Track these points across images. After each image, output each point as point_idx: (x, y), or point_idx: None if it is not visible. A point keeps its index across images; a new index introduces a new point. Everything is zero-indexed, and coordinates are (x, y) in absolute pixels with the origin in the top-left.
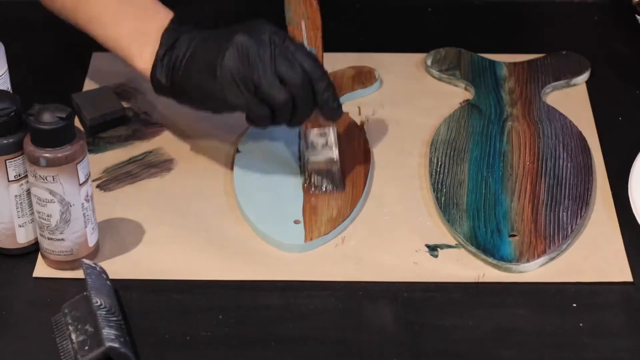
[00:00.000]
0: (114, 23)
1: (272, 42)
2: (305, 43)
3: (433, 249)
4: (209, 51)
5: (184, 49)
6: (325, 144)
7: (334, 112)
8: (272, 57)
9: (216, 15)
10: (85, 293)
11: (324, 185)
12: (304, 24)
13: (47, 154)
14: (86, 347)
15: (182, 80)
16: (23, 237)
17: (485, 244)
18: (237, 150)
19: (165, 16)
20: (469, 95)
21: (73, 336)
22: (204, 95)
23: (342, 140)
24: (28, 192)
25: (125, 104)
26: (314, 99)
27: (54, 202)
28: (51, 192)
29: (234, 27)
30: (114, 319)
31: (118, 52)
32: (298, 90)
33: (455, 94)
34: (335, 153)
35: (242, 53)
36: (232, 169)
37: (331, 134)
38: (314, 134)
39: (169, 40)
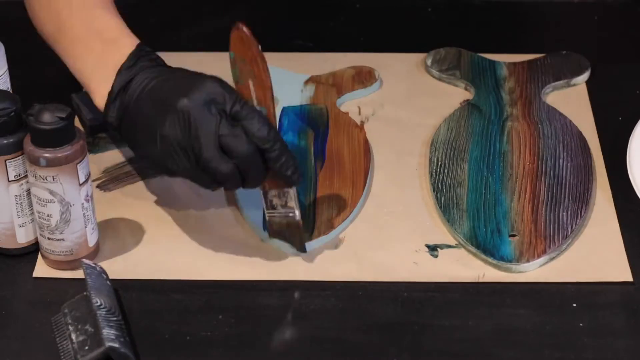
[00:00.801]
0: (80, 56)
1: (218, 109)
2: (255, 104)
3: (433, 249)
4: (152, 110)
5: (134, 96)
6: (284, 204)
7: (288, 179)
8: (217, 126)
9: (194, 37)
10: (85, 293)
11: (287, 245)
12: (252, 83)
13: (47, 154)
14: (86, 347)
15: (129, 130)
16: (23, 237)
17: (485, 244)
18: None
19: (127, 48)
20: (469, 95)
21: (73, 336)
22: (146, 156)
23: (342, 140)
24: (28, 192)
25: None
26: (266, 166)
27: (54, 202)
28: (51, 192)
29: (183, 81)
30: (114, 319)
31: (84, 87)
32: (244, 161)
33: (455, 94)
34: (295, 214)
35: (183, 121)
36: None
37: (291, 195)
38: (272, 194)
39: (122, 80)
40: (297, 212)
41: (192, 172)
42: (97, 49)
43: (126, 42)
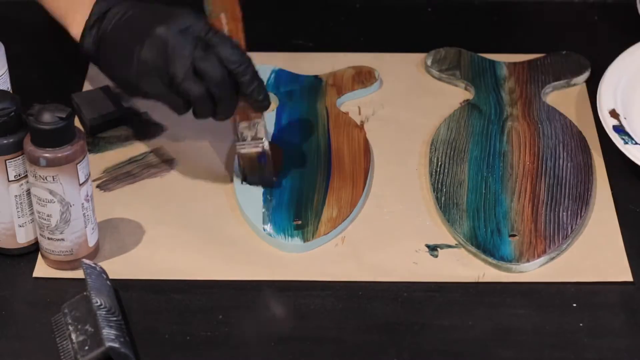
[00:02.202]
0: None
1: (193, 34)
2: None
3: (433, 249)
4: (130, 35)
5: (111, 23)
6: (254, 136)
7: (259, 104)
8: (191, 51)
9: None
10: (85, 293)
11: (255, 178)
12: (224, 17)
13: (47, 154)
14: (86, 347)
15: (105, 55)
16: (23, 237)
17: (485, 244)
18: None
19: None
20: (469, 95)
21: (73, 336)
22: (122, 78)
23: (342, 140)
24: (28, 192)
25: (125, 104)
26: (238, 92)
27: (54, 202)
28: (51, 192)
29: (160, 12)
30: (114, 319)
31: (60, 22)
32: (216, 85)
33: (455, 94)
34: (264, 145)
35: (160, 46)
36: (232, 169)
37: (260, 126)
38: (242, 126)
39: (100, 9)
40: (266, 143)
41: (165, 95)
42: None
43: None
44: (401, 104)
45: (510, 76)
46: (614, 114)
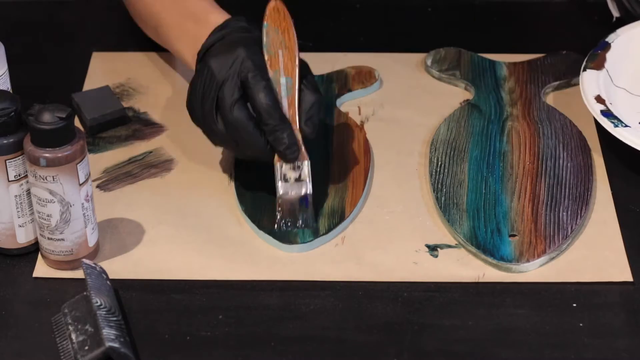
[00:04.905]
0: (177, 38)
1: (238, 74)
2: (282, 73)
3: (433, 249)
4: (197, 64)
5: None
6: (298, 178)
7: (283, 155)
8: (219, 89)
9: None
10: (85, 293)
11: (294, 223)
12: (282, 54)
13: (47, 154)
14: (86, 347)
15: None
16: (23, 237)
17: (485, 244)
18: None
19: (217, 21)
20: (469, 95)
21: (73, 336)
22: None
23: (342, 140)
24: (28, 192)
25: (125, 104)
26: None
27: (54, 202)
28: (51, 192)
29: (224, 46)
30: (114, 319)
31: (187, 65)
32: (229, 125)
33: (455, 94)
34: (307, 188)
35: (207, 76)
36: (232, 169)
37: (304, 168)
38: (286, 167)
39: (207, 44)
40: (310, 186)
41: (200, 123)
42: (191, 29)
43: (216, 17)
44: (401, 104)
45: (510, 76)
46: (599, 99)
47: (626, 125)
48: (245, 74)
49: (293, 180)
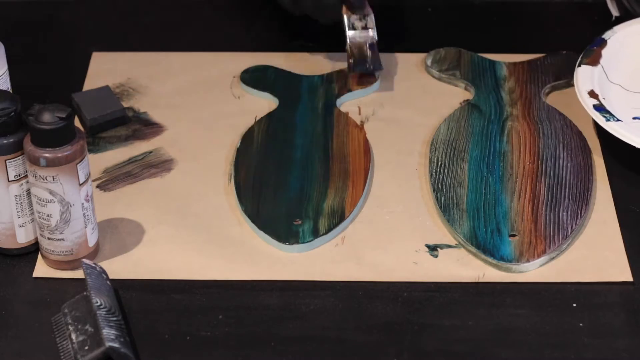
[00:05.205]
0: None
1: None
2: None
3: (433, 249)
4: None
5: None
6: (364, 26)
7: (350, 3)
8: None
9: (196, 38)
10: (85, 293)
11: (364, 64)
12: None
13: (47, 154)
14: (86, 347)
15: None
16: (23, 237)
17: (485, 244)
18: (237, 150)
19: None
20: (469, 95)
21: (73, 336)
22: None
23: (342, 140)
24: (28, 192)
25: (125, 104)
26: None
27: (54, 202)
28: (51, 192)
29: None
30: (114, 319)
31: None
32: None
33: (455, 94)
34: (373, 34)
35: None
36: (232, 169)
37: (370, 19)
38: (353, 17)
39: None
40: (375, 33)
41: None
42: None
43: None
44: (401, 104)
45: (510, 76)
46: (592, 94)
47: (618, 120)
48: None
49: (360, 29)
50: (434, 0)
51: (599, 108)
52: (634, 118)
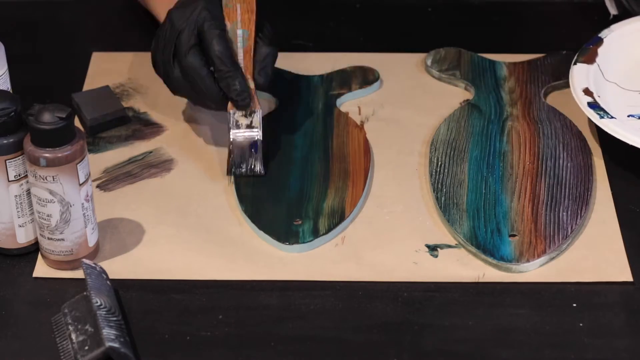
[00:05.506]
0: (160, 3)
1: (193, 22)
2: (239, 25)
3: (433, 249)
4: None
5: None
6: (249, 124)
7: (235, 101)
8: (178, 38)
9: None
10: (85, 293)
11: (244, 167)
12: (239, 7)
13: (47, 154)
14: (86, 347)
15: None
16: (23, 237)
17: (485, 244)
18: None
19: None
20: (469, 95)
21: (73, 336)
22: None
23: (342, 140)
24: (28, 192)
25: (125, 104)
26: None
27: (54, 202)
28: (51, 192)
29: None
30: (114, 319)
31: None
32: (185, 70)
33: (455, 94)
34: (258, 133)
35: (168, 27)
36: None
37: (256, 116)
38: (238, 114)
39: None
40: (260, 133)
41: (160, 70)
42: None
43: None
44: (401, 104)
45: (510, 76)
46: (587, 92)
47: (612, 117)
48: (201, 23)
49: (245, 127)
50: (434, 0)
51: (593, 105)
52: (628, 116)
